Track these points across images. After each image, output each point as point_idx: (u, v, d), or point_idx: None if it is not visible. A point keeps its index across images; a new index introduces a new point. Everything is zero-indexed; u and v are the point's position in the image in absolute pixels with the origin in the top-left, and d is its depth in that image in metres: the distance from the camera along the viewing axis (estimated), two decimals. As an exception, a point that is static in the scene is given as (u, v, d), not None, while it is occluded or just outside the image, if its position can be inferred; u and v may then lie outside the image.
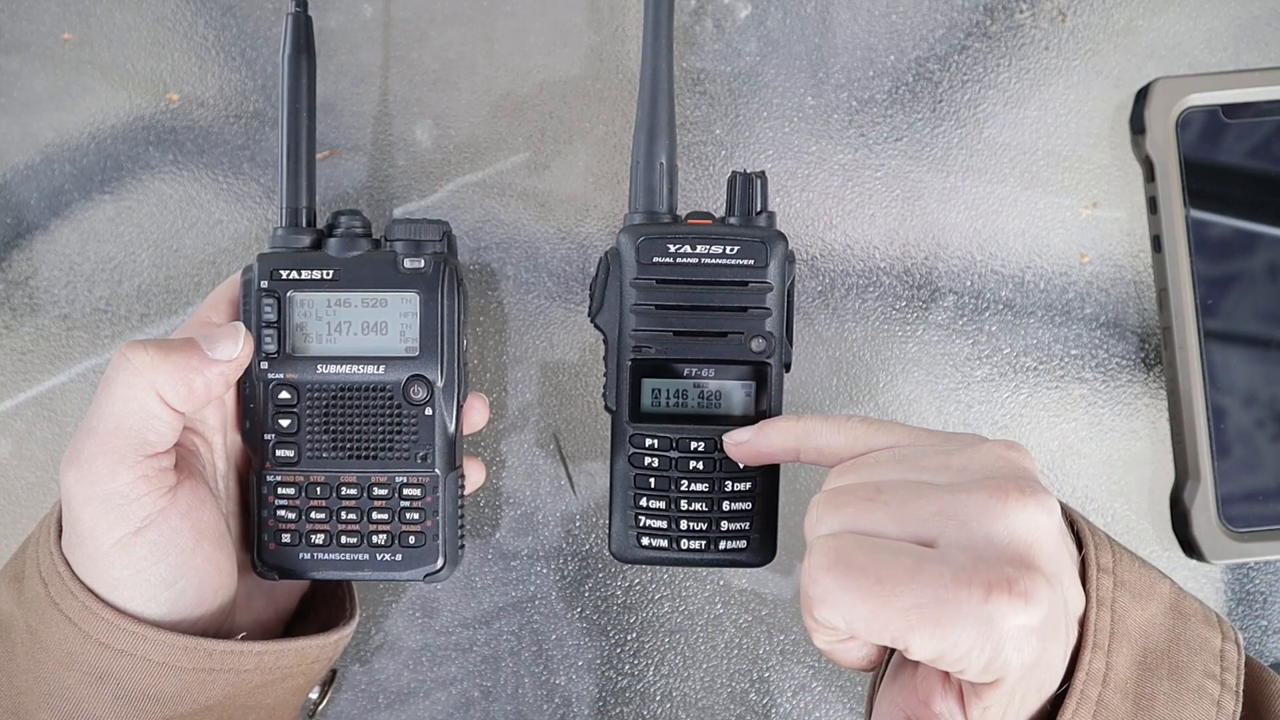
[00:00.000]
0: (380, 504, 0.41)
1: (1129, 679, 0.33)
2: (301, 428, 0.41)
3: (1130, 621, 0.34)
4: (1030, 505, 0.31)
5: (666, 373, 0.42)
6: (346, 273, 0.41)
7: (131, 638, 0.36)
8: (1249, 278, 0.47)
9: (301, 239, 0.42)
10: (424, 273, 0.41)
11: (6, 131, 0.51)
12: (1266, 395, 0.47)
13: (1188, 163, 0.48)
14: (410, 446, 0.41)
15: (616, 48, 0.50)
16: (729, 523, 0.42)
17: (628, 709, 0.49)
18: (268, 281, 0.41)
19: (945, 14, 0.50)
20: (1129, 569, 0.35)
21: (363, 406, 0.41)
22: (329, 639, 0.41)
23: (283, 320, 0.41)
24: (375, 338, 0.41)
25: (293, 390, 0.41)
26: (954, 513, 0.32)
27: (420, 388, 0.41)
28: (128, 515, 0.36)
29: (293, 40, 0.43)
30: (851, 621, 0.31)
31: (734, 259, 0.42)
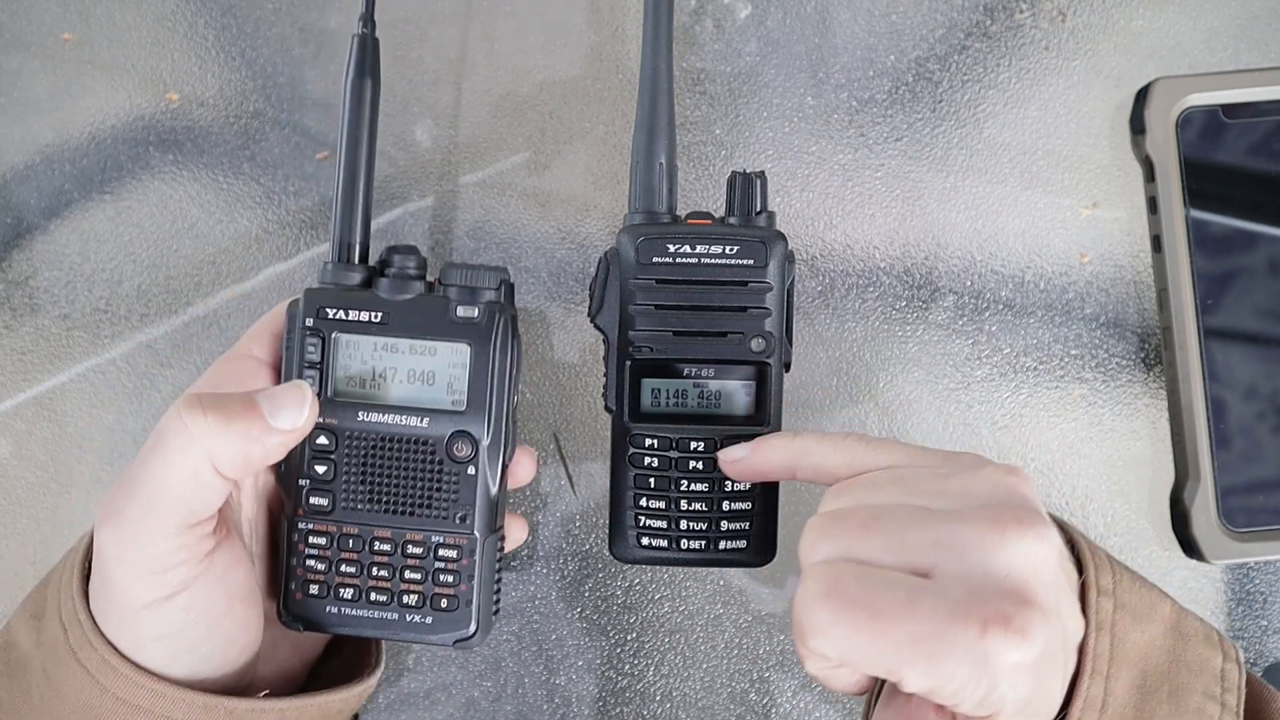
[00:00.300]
0: (414, 563, 0.39)
1: (1127, 704, 0.33)
2: (338, 476, 0.39)
3: (1130, 644, 0.33)
4: (1028, 536, 0.31)
5: (666, 373, 0.42)
6: (396, 317, 0.39)
7: (151, 695, 0.35)
8: (1249, 277, 0.47)
9: (352, 276, 0.40)
10: (477, 323, 0.39)
11: (6, 132, 0.51)
12: (1267, 395, 0.47)
13: (1188, 163, 0.48)
14: (450, 506, 0.39)
15: (616, 48, 0.50)
16: (729, 523, 0.42)
17: (628, 709, 0.49)
18: (313, 319, 0.39)
19: (945, 14, 0.50)
20: (1129, 590, 0.34)
21: (403, 459, 0.39)
22: (352, 691, 0.39)
23: (326, 362, 0.39)
24: (422, 388, 0.39)
25: (332, 436, 0.39)
26: (951, 543, 0.31)
27: (465, 445, 0.39)
28: (163, 582, 0.35)
29: (357, 63, 0.41)
30: (845, 653, 0.31)
31: (734, 259, 0.42)
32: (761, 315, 0.42)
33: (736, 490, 0.42)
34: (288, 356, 0.39)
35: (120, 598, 0.35)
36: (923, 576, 0.31)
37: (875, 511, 0.33)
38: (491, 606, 0.41)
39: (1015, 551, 0.31)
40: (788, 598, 0.49)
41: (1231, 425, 0.47)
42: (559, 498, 0.50)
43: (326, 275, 0.40)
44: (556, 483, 0.50)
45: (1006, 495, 0.33)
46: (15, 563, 0.50)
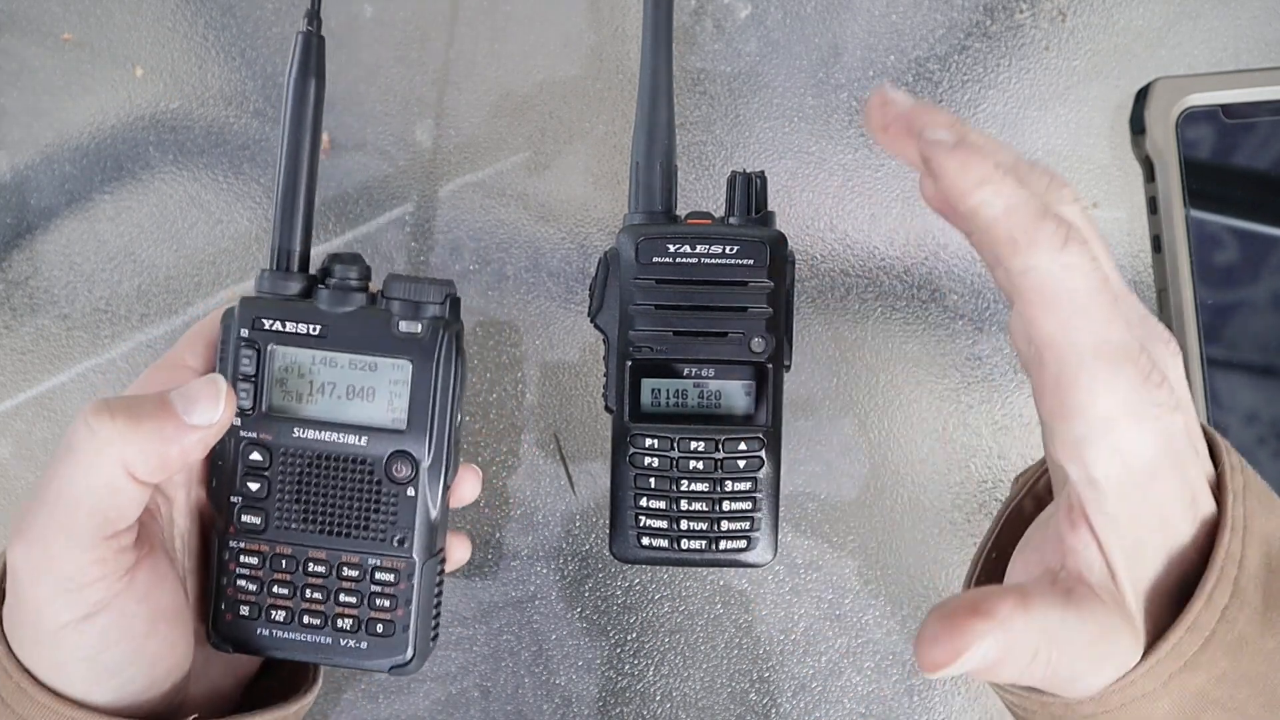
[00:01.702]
0: (349, 585, 0.38)
1: (1259, 574, 0.32)
2: (272, 493, 0.38)
3: (1257, 524, 0.32)
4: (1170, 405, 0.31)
5: (666, 373, 0.42)
6: (335, 330, 0.37)
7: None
8: (1249, 278, 0.47)
9: (291, 285, 0.38)
10: (420, 339, 0.37)
11: (7, 132, 0.51)
12: (1267, 395, 0.47)
13: (1188, 163, 0.48)
14: (387, 528, 0.38)
15: (617, 48, 0.50)
16: (729, 523, 0.42)
17: (628, 709, 0.49)
18: (249, 330, 0.37)
19: (945, 14, 0.50)
20: (1254, 478, 0.33)
21: (340, 479, 0.38)
22: (287, 710, 0.38)
23: (261, 375, 0.37)
24: (361, 404, 0.37)
25: (266, 452, 0.37)
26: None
27: (404, 465, 0.37)
28: (79, 600, 0.33)
29: (300, 62, 0.39)
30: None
31: (734, 259, 0.42)
32: (761, 315, 0.42)
33: (737, 490, 0.42)
34: (221, 368, 0.38)
35: (36, 618, 0.33)
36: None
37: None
38: (430, 632, 0.39)
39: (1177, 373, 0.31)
40: (795, 585, 0.49)
41: (1232, 426, 0.47)
42: (559, 498, 0.50)
43: (264, 284, 0.38)
44: (556, 483, 0.50)
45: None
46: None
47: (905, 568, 0.49)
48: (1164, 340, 0.31)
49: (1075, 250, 0.29)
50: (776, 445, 0.43)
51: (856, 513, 0.49)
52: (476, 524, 0.50)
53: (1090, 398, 0.30)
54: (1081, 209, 0.32)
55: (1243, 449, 0.47)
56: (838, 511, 0.49)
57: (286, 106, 0.38)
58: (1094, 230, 0.32)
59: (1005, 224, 0.30)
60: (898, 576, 0.49)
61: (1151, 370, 0.30)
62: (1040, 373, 0.30)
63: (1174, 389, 0.31)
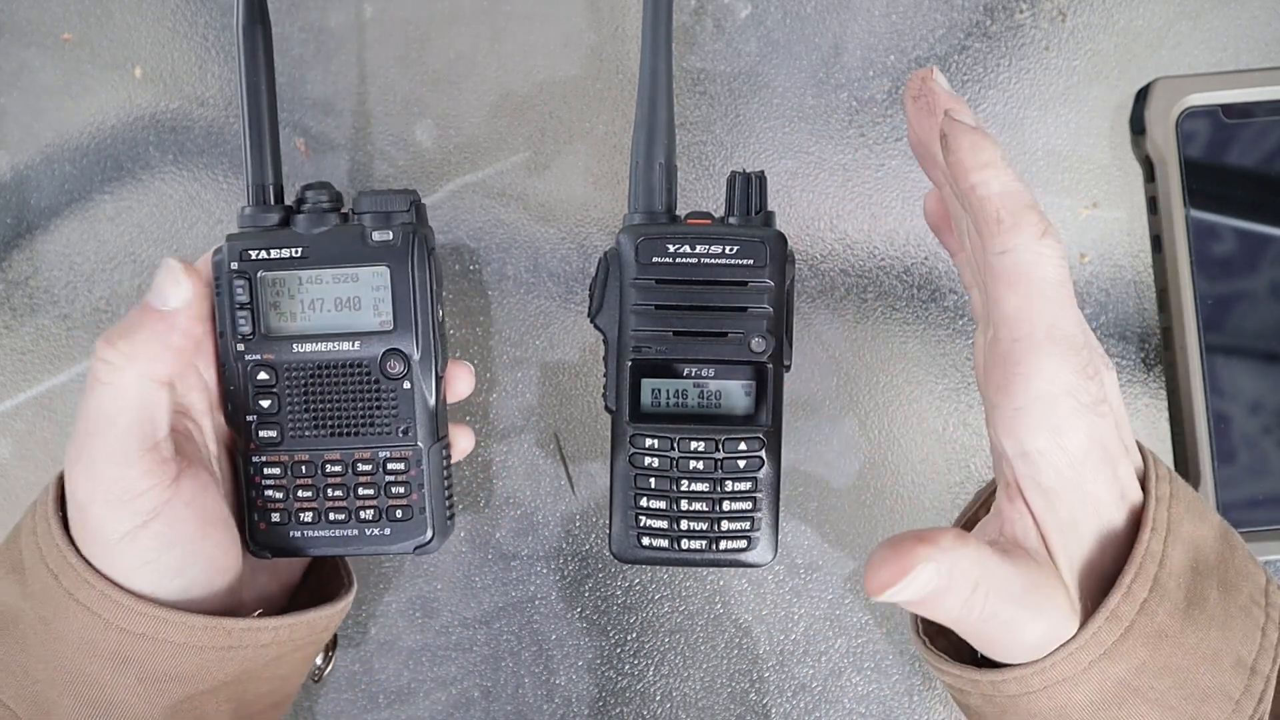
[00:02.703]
0: (365, 479, 0.41)
1: (1183, 574, 0.33)
2: (283, 408, 0.41)
3: (1185, 530, 0.34)
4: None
5: (666, 373, 0.42)
6: (315, 249, 0.40)
7: (152, 621, 0.37)
8: (1249, 278, 0.47)
9: (270, 216, 0.41)
10: (393, 245, 0.40)
11: (7, 132, 0.51)
12: (1267, 395, 0.47)
13: (1188, 163, 0.48)
14: (391, 421, 0.41)
15: (617, 48, 0.50)
16: (729, 523, 0.42)
17: (628, 709, 0.49)
18: (238, 263, 0.40)
19: (945, 14, 0.50)
20: (1184, 489, 0.35)
21: (341, 383, 0.41)
22: (335, 608, 0.41)
23: (255, 301, 0.40)
24: (349, 313, 0.41)
25: (271, 371, 0.41)
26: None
27: (397, 362, 0.41)
28: (135, 510, 0.37)
29: (245, 10, 0.41)
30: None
31: (734, 259, 0.42)
32: (761, 315, 0.42)
33: (737, 490, 0.42)
34: (219, 302, 0.41)
35: (99, 533, 0.37)
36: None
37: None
38: (445, 513, 0.42)
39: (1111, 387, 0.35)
40: (795, 586, 0.49)
41: (1232, 426, 0.47)
42: (559, 498, 0.50)
43: (245, 219, 0.41)
44: (556, 483, 0.50)
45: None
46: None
47: (905, 568, 0.49)
48: (1103, 357, 0.35)
49: (1050, 243, 0.33)
50: (777, 445, 0.43)
51: (856, 513, 0.49)
52: (477, 524, 0.50)
53: (1035, 372, 0.33)
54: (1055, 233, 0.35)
55: (1241, 446, 0.47)
56: (838, 512, 0.49)
57: (240, 54, 0.41)
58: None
59: (996, 204, 0.34)
60: (898, 576, 0.49)
61: (1089, 365, 0.33)
62: (993, 350, 0.34)
63: (1108, 395, 0.34)
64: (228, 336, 0.41)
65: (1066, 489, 0.33)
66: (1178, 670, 0.33)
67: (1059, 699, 0.33)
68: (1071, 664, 0.33)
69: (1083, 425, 0.33)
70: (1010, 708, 0.34)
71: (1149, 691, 0.33)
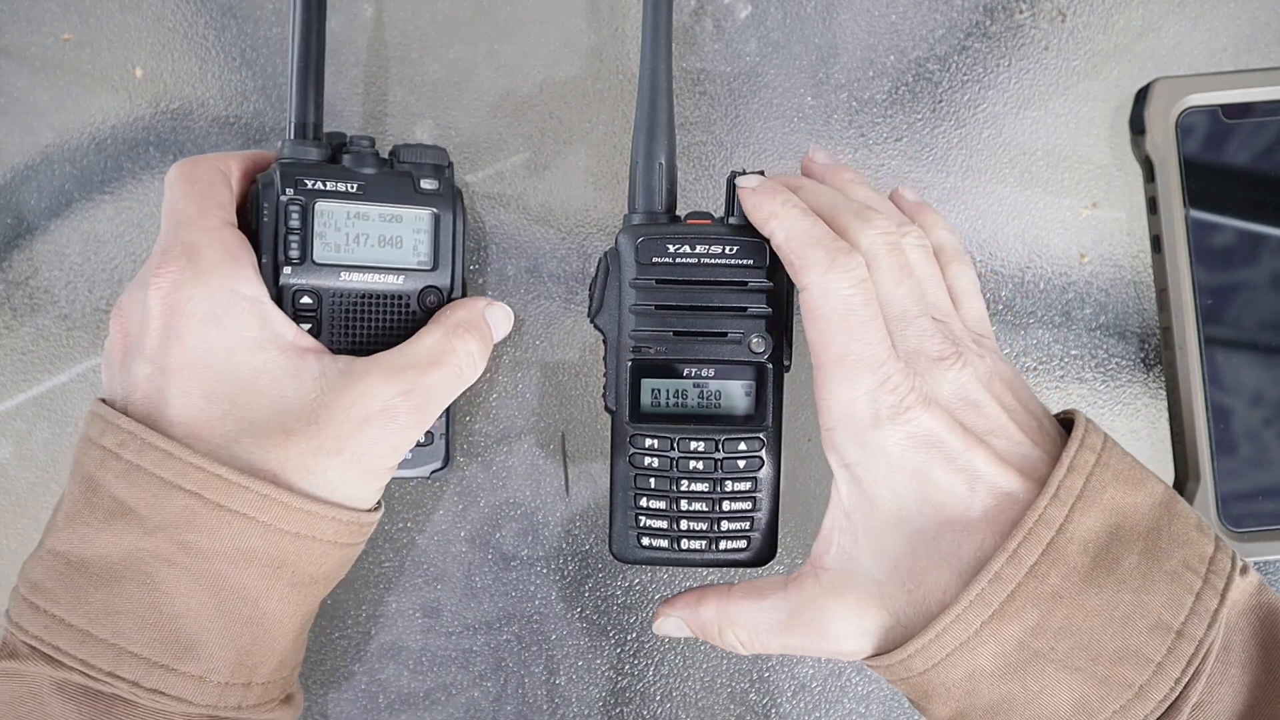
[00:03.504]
0: None
1: (1093, 540, 0.35)
2: (322, 332, 0.43)
3: (1107, 496, 0.35)
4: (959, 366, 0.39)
5: (666, 373, 0.42)
6: (370, 188, 0.43)
7: (311, 519, 0.38)
8: (1249, 278, 0.47)
9: (310, 152, 0.43)
10: (440, 194, 0.44)
11: (7, 132, 0.51)
12: (1267, 395, 0.47)
13: (1188, 163, 0.48)
14: None
15: (616, 48, 0.50)
16: (729, 523, 0.42)
17: (628, 709, 0.49)
18: (293, 190, 0.42)
19: (945, 14, 0.50)
20: (1120, 459, 0.37)
21: (381, 313, 0.43)
22: (379, 513, 0.42)
23: (306, 228, 0.42)
24: (391, 250, 0.44)
25: (315, 296, 0.43)
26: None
27: (434, 297, 0.44)
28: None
29: None
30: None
31: (733, 259, 0.42)
32: (761, 315, 0.42)
33: (737, 490, 0.42)
34: (269, 225, 0.42)
35: (365, 455, 0.39)
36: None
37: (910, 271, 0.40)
38: (453, 441, 0.46)
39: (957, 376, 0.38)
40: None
41: (1232, 426, 0.47)
42: (559, 498, 0.50)
43: (285, 151, 0.43)
44: (557, 483, 0.50)
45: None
46: (15, 562, 0.50)
47: (905, 568, 0.49)
48: (936, 357, 0.38)
49: (837, 275, 0.38)
50: (776, 445, 0.43)
51: (856, 513, 0.49)
52: (477, 525, 0.50)
53: (832, 396, 0.38)
54: (888, 242, 0.39)
55: (1241, 446, 0.47)
56: (838, 511, 0.49)
57: (296, 2, 0.43)
58: (894, 241, 0.39)
59: (786, 250, 0.39)
60: (898, 576, 0.49)
61: (892, 379, 0.37)
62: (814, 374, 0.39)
63: (923, 392, 0.37)
64: (273, 259, 0.42)
65: (891, 494, 0.37)
66: (1079, 631, 0.34)
67: (964, 665, 0.35)
68: (961, 626, 0.35)
69: (895, 435, 0.37)
70: (927, 686, 0.36)
71: (1050, 653, 0.34)
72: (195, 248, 0.39)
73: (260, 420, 0.38)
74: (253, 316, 0.39)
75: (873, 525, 0.38)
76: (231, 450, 0.38)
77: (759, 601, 0.40)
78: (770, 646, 0.40)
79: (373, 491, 0.40)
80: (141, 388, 0.39)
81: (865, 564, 0.38)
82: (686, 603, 0.42)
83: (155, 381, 0.38)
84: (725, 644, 0.41)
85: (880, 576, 0.37)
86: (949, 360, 0.38)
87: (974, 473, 0.36)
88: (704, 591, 0.41)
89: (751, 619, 0.40)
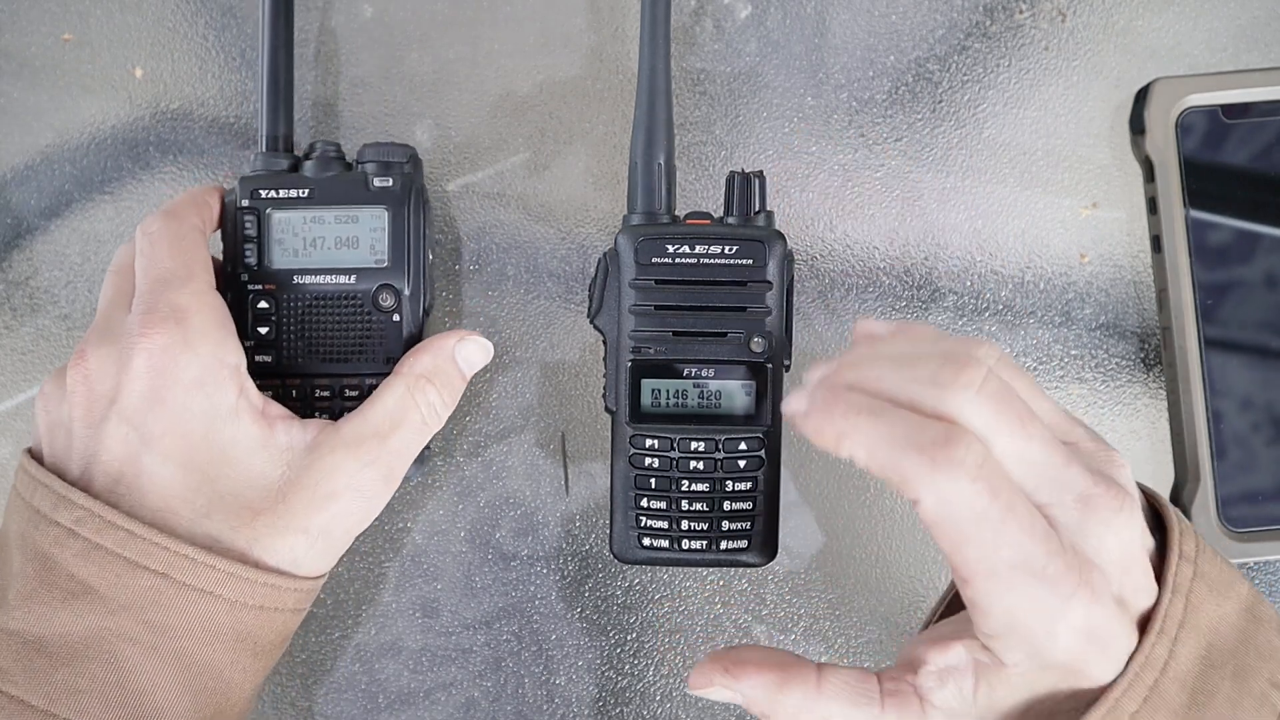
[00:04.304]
0: (351, 403, 0.43)
1: (1190, 671, 0.32)
2: (280, 334, 0.44)
3: (1204, 615, 0.33)
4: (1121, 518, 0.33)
5: (666, 373, 0.42)
6: (321, 191, 0.44)
7: (273, 592, 0.38)
8: (1249, 278, 0.47)
9: (280, 162, 0.45)
10: (392, 190, 0.44)
11: (7, 132, 0.51)
12: (1268, 395, 0.47)
13: (1188, 163, 0.48)
14: (379, 349, 0.44)
15: (616, 48, 0.50)
16: (730, 523, 0.42)
17: (628, 709, 0.49)
18: (248, 200, 0.44)
19: (945, 14, 0.50)
20: (1210, 562, 0.34)
21: (336, 313, 0.44)
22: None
23: (262, 236, 0.44)
24: (347, 251, 0.44)
25: (271, 300, 0.44)
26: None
27: (388, 295, 0.44)
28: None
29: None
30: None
31: (733, 259, 0.42)
32: (761, 315, 0.42)
33: (738, 490, 0.42)
34: (228, 237, 0.44)
35: (330, 528, 0.39)
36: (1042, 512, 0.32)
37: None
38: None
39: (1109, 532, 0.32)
40: (794, 585, 0.49)
41: (1231, 426, 0.47)
42: (559, 498, 0.50)
43: (256, 164, 0.45)
44: (556, 483, 0.50)
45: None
46: (15, 563, 0.50)
47: (905, 567, 0.49)
48: (1107, 510, 0.32)
49: (947, 479, 0.30)
50: (777, 445, 0.43)
51: (857, 512, 0.49)
52: (476, 524, 0.50)
53: (990, 610, 0.31)
54: (993, 392, 0.31)
55: (1240, 447, 0.47)
56: (838, 511, 0.49)
57: (264, 19, 0.45)
58: (995, 388, 0.31)
59: (875, 468, 0.31)
60: (898, 576, 0.49)
61: (1064, 576, 0.31)
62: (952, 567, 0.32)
63: (1089, 581, 0.31)
64: (234, 268, 0.44)
65: (1036, 681, 0.33)
66: None
67: None
68: None
69: (1064, 637, 0.31)
70: None
71: None
72: (185, 312, 0.39)
73: (230, 494, 0.38)
74: (233, 384, 0.39)
75: (999, 693, 0.33)
76: (203, 526, 0.37)
77: (852, 708, 0.34)
78: None
79: (334, 559, 0.40)
80: (115, 450, 0.38)
81: (978, 713, 0.34)
82: (763, 684, 0.35)
83: (132, 445, 0.38)
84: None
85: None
86: (1122, 516, 0.32)
87: (1121, 653, 0.33)
88: (784, 674, 0.34)
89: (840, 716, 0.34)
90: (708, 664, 0.35)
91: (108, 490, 0.38)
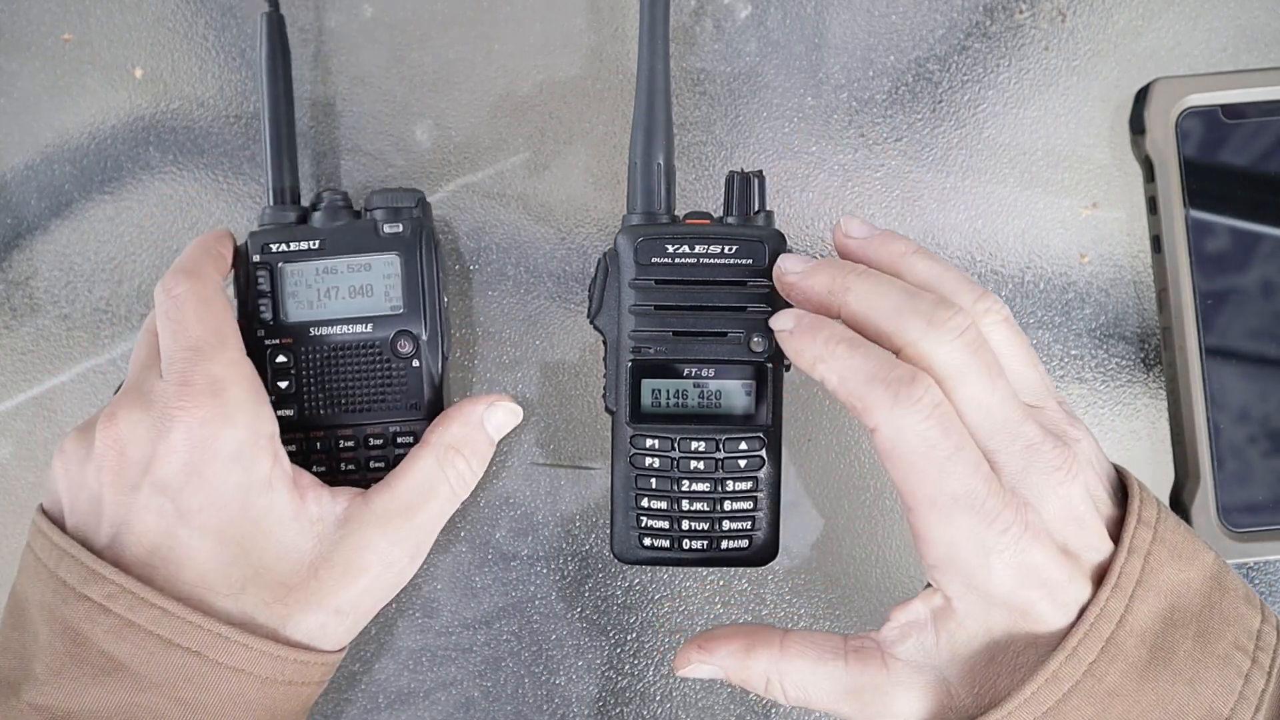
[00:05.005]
0: (376, 452, 0.44)
1: (1149, 629, 0.34)
2: (300, 388, 0.44)
3: (1164, 576, 0.34)
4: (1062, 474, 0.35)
5: (666, 373, 0.42)
6: (331, 241, 0.44)
7: (301, 667, 0.38)
8: (1249, 278, 0.47)
9: (288, 215, 0.45)
10: (403, 236, 0.44)
11: (6, 132, 0.51)
12: (1267, 395, 0.47)
13: (1187, 163, 0.48)
14: (401, 396, 0.44)
15: (616, 48, 0.50)
16: (730, 523, 0.42)
17: (628, 709, 0.49)
18: (259, 255, 0.44)
19: (945, 14, 0.50)
20: (1173, 530, 0.35)
21: (355, 363, 0.44)
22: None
23: (275, 290, 0.44)
24: (362, 299, 0.44)
25: (289, 354, 0.44)
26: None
27: (407, 342, 0.44)
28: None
29: (268, 41, 0.45)
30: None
31: (733, 258, 0.42)
32: (761, 315, 0.42)
33: (738, 490, 0.42)
34: (240, 294, 0.44)
35: (356, 605, 0.40)
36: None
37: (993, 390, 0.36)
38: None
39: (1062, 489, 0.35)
40: (794, 584, 0.49)
41: (1232, 426, 0.47)
42: (558, 498, 0.50)
43: (265, 218, 0.45)
44: (556, 483, 0.50)
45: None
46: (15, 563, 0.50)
47: (906, 567, 0.49)
48: (1050, 468, 0.35)
49: (904, 409, 0.34)
50: (777, 445, 0.43)
51: (857, 511, 0.49)
52: (476, 524, 0.50)
53: (931, 538, 0.35)
54: (968, 342, 0.35)
55: (1240, 447, 0.47)
56: (838, 511, 0.49)
57: (263, 78, 0.45)
58: (973, 338, 0.35)
59: (842, 393, 0.36)
60: (898, 576, 0.49)
61: (1000, 513, 0.34)
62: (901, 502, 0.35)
63: (1029, 523, 0.34)
64: (250, 324, 0.43)
65: (984, 622, 0.35)
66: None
67: None
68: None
69: (1002, 572, 0.34)
70: None
71: None
72: (222, 384, 0.38)
73: (263, 567, 0.38)
74: (268, 454, 0.39)
75: (958, 639, 0.35)
76: (237, 601, 0.37)
77: (816, 664, 0.37)
78: (818, 706, 0.38)
79: (358, 631, 0.41)
80: (149, 521, 0.37)
81: (939, 664, 0.36)
82: (731, 652, 0.38)
83: (167, 518, 0.37)
84: (768, 694, 0.38)
85: (951, 678, 0.36)
86: (1061, 472, 0.35)
87: (1072, 601, 0.35)
88: (751, 640, 0.38)
89: (805, 679, 0.37)
90: (685, 645, 0.39)
91: (141, 563, 0.37)
